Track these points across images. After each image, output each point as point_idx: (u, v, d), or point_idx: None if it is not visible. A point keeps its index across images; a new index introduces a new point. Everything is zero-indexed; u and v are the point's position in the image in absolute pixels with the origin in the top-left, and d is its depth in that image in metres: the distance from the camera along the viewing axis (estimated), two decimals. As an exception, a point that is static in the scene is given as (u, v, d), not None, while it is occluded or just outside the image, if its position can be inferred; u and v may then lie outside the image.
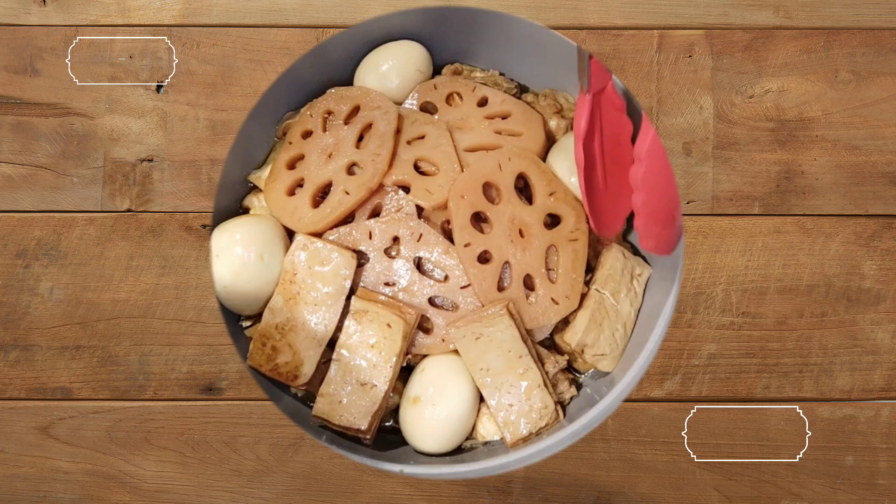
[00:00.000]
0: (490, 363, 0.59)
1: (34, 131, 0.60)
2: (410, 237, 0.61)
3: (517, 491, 0.58)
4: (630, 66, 0.61)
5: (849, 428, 0.59)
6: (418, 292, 0.61)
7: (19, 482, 0.58)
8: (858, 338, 0.59)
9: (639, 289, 0.62)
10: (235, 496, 0.58)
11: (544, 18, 0.61)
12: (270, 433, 0.58)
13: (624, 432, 0.59)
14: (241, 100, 0.60)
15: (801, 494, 0.58)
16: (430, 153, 0.63)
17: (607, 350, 0.61)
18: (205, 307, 0.59)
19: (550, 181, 0.63)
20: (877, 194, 0.60)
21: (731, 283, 0.59)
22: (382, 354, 0.59)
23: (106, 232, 0.59)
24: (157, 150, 0.60)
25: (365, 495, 0.58)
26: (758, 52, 0.61)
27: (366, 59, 0.66)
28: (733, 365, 0.59)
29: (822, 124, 0.60)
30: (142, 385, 0.58)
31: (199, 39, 0.60)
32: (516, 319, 0.60)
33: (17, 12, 0.61)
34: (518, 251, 0.61)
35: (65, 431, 0.58)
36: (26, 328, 0.59)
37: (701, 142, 0.60)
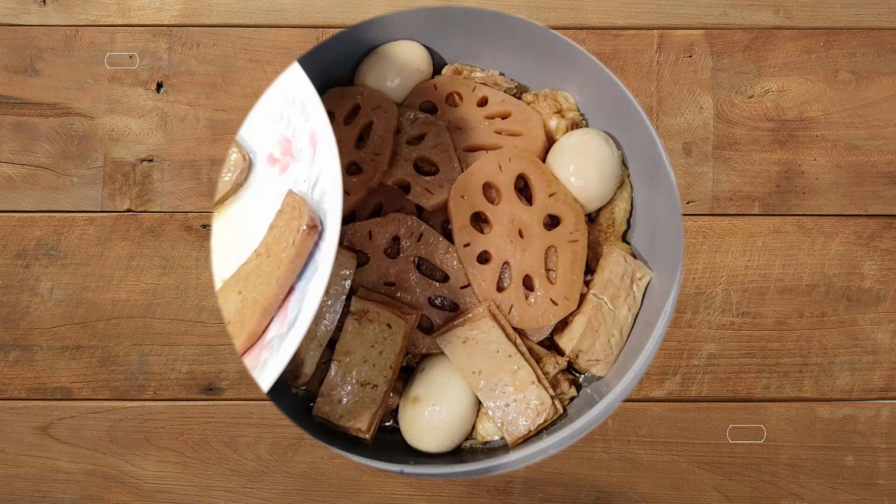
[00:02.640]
0: (480, 365, 0.59)
1: (34, 131, 0.60)
2: (410, 237, 0.61)
3: (517, 491, 0.58)
4: (630, 66, 0.61)
5: (849, 428, 0.59)
6: (418, 292, 0.61)
7: (19, 482, 0.58)
8: (858, 338, 0.59)
9: (638, 293, 0.62)
10: (235, 496, 0.58)
11: (544, 18, 0.61)
12: (270, 433, 0.58)
13: (624, 432, 0.59)
14: (241, 100, 0.60)
15: (801, 494, 0.58)
16: (430, 153, 0.63)
17: (601, 356, 0.61)
18: (205, 307, 0.59)
19: (550, 182, 0.63)
20: (877, 194, 0.60)
21: (731, 283, 0.59)
22: (382, 354, 0.59)
23: (106, 232, 0.59)
24: (157, 150, 0.60)
25: (365, 495, 0.58)
26: (758, 52, 0.61)
27: (366, 59, 0.66)
28: (733, 365, 0.59)
29: (822, 124, 0.60)
30: (142, 385, 0.58)
31: (199, 39, 0.60)
32: (499, 319, 0.60)
33: (17, 12, 0.61)
34: (518, 252, 0.61)
35: (65, 431, 0.58)
36: (26, 328, 0.59)
37: (701, 142, 0.60)
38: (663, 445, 0.59)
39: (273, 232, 0.54)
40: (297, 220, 0.52)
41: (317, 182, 0.54)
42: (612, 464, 0.58)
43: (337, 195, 0.51)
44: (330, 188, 0.51)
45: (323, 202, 0.52)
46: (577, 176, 0.62)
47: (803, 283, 0.59)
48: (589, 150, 0.62)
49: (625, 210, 0.65)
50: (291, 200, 0.53)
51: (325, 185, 0.52)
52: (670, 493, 0.58)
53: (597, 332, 0.61)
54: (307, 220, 0.51)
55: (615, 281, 0.62)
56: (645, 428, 0.59)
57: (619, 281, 0.62)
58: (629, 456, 0.58)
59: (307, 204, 0.52)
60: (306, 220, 0.51)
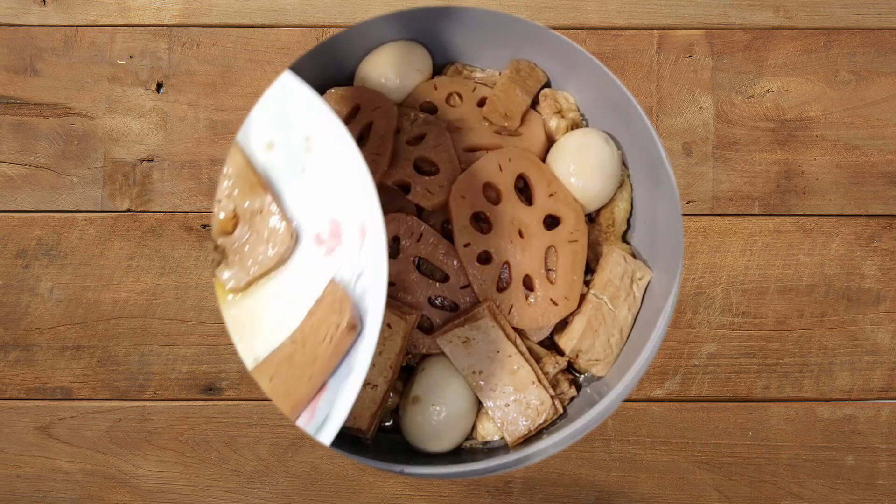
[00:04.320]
0: (481, 365, 0.59)
1: (34, 131, 0.60)
2: (410, 237, 0.61)
3: (517, 491, 0.58)
4: (630, 66, 0.61)
5: (849, 428, 0.59)
6: (418, 292, 0.61)
7: (19, 482, 0.58)
8: (858, 338, 0.59)
9: (638, 293, 0.62)
10: (235, 496, 0.58)
11: (544, 18, 0.61)
12: (270, 433, 0.58)
13: (624, 432, 0.59)
14: (241, 100, 0.60)
15: (801, 494, 0.58)
16: (430, 153, 0.63)
17: (601, 356, 0.61)
18: (205, 307, 0.59)
19: (550, 182, 0.63)
20: (877, 194, 0.60)
21: (731, 283, 0.59)
22: (382, 354, 0.59)
23: (106, 232, 0.59)
24: (157, 150, 0.60)
25: (365, 495, 0.58)
26: (758, 52, 0.61)
27: (366, 59, 0.66)
28: (733, 365, 0.59)
29: (822, 124, 0.60)
30: (142, 385, 0.58)
31: (199, 39, 0.60)
32: (499, 319, 0.60)
33: (17, 12, 0.61)
34: (518, 252, 0.61)
35: (65, 431, 0.58)
36: (26, 328, 0.59)
37: (701, 142, 0.60)
38: (663, 445, 0.59)
39: (311, 320, 0.52)
40: (337, 315, 0.50)
41: (360, 276, 0.51)
42: (612, 464, 0.58)
43: (381, 295, 0.48)
44: (373, 286, 0.49)
45: (364, 299, 0.50)
46: (577, 176, 0.62)
47: (803, 283, 0.59)
48: (589, 150, 0.62)
49: (625, 210, 0.65)
50: (333, 291, 0.51)
51: (369, 282, 0.50)
52: (670, 493, 0.58)
53: (597, 332, 0.61)
54: (348, 320, 0.50)
55: (615, 281, 0.62)
56: (645, 428, 0.59)
57: (619, 281, 0.62)
58: (629, 456, 0.58)
59: (349, 300, 0.50)
60: (347, 319, 0.50)
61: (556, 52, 0.63)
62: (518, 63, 0.65)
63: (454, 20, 0.63)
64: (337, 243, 0.55)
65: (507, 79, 0.64)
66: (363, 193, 0.51)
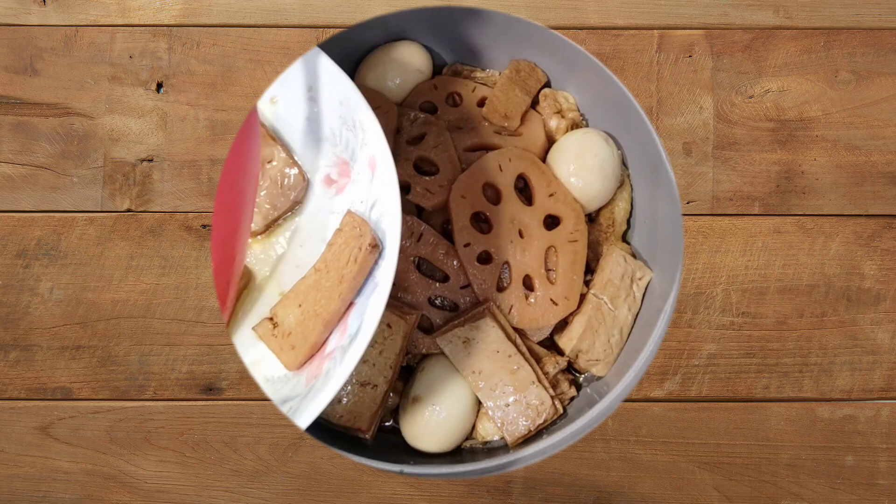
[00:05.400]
0: (481, 366, 0.59)
1: (34, 131, 0.60)
2: (410, 237, 0.61)
3: (517, 491, 0.58)
4: (630, 66, 0.61)
5: (849, 428, 0.59)
6: (418, 292, 0.61)
7: (19, 482, 0.58)
8: (858, 338, 0.59)
9: (638, 293, 0.62)
10: (235, 496, 0.58)
11: (544, 18, 0.61)
12: (270, 433, 0.58)
13: (624, 432, 0.59)
14: (241, 100, 0.60)
15: (801, 494, 0.58)
16: (430, 153, 0.63)
17: (601, 356, 0.61)
18: (205, 307, 0.59)
19: (550, 182, 0.63)
20: (877, 194, 0.60)
21: (731, 283, 0.59)
22: (382, 354, 0.59)
23: (106, 232, 0.59)
24: (157, 150, 0.60)
25: (365, 495, 0.58)
26: (758, 52, 0.61)
27: (366, 59, 0.66)
28: (733, 365, 0.59)
29: (822, 124, 0.60)
30: (142, 385, 0.58)
31: (199, 39, 0.60)
32: (499, 319, 0.60)
33: (17, 12, 0.61)
34: (518, 252, 0.61)
35: (65, 431, 0.58)
36: (26, 328, 0.59)
37: (701, 142, 0.60)
38: (663, 445, 0.59)
39: (332, 249, 0.56)
40: (358, 239, 0.54)
41: (375, 203, 0.56)
42: (612, 464, 0.58)
43: (396, 216, 0.53)
44: (389, 209, 0.53)
45: (381, 222, 0.54)
46: (577, 176, 0.62)
47: (803, 283, 0.59)
48: (589, 150, 0.62)
49: (625, 210, 0.65)
50: (351, 220, 0.55)
51: (384, 207, 0.54)
52: (670, 493, 0.58)
53: (597, 332, 0.61)
54: (369, 240, 0.54)
55: (615, 281, 0.62)
56: (645, 428, 0.59)
57: (619, 281, 0.62)
58: (629, 456, 0.58)
59: (368, 224, 0.55)
60: (368, 240, 0.54)
61: (556, 52, 0.63)
62: (518, 63, 0.65)
63: (454, 20, 0.63)
64: (347, 182, 0.60)
65: (506, 79, 0.64)
66: (369, 128, 0.55)
